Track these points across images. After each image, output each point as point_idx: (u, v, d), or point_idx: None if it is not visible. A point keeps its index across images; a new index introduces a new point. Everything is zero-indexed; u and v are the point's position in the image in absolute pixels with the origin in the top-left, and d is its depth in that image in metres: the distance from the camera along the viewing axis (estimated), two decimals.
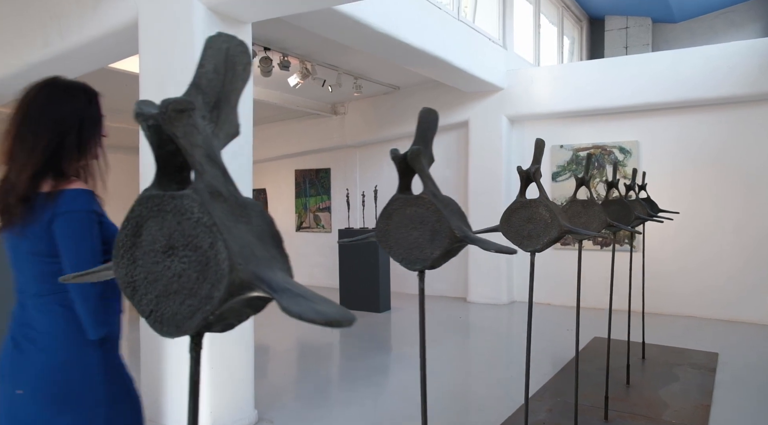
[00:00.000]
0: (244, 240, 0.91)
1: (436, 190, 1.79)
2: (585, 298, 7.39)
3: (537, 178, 2.60)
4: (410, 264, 1.76)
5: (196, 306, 0.87)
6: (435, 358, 5.60)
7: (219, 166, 0.96)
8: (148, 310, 0.92)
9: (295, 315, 0.79)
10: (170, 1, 3.68)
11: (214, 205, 0.89)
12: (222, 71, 0.99)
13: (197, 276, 0.87)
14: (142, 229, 0.93)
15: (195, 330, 0.89)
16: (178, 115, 0.88)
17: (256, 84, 7.79)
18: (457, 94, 8.56)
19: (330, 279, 10.07)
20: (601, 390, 4.12)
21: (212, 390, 3.63)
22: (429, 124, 1.82)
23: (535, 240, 2.55)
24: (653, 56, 7.74)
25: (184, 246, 0.89)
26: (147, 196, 0.93)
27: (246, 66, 1.03)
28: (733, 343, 6.01)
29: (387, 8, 5.43)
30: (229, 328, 0.98)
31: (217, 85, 0.99)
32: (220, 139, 1.02)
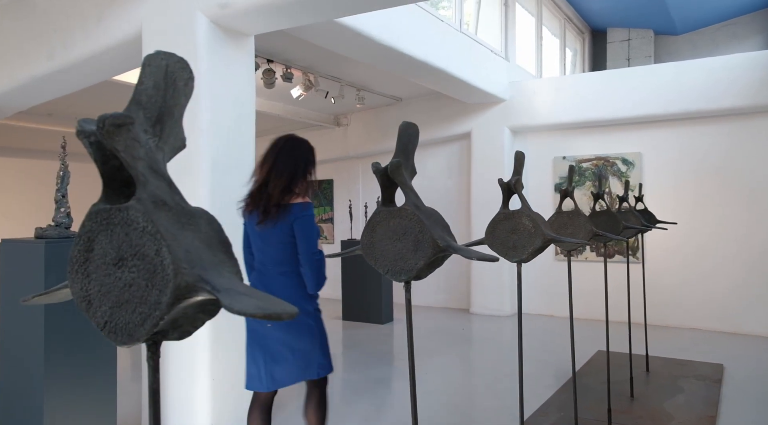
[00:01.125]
0: (190, 245, 0.94)
1: (419, 202, 1.82)
2: (589, 310, 7.38)
3: (518, 189, 2.65)
4: (395, 275, 1.78)
5: (146, 313, 0.90)
6: (437, 370, 5.57)
7: (164, 177, 1.00)
8: (103, 322, 0.95)
9: (236, 310, 0.83)
10: (174, 15, 3.72)
11: (158, 213, 0.92)
12: (162, 87, 1.03)
13: (146, 284, 0.90)
14: (93, 244, 0.96)
15: (146, 337, 0.92)
16: (116, 129, 0.91)
17: (259, 95, 7.82)
18: (459, 106, 8.59)
19: (332, 290, 10.03)
20: (604, 403, 4.09)
21: (213, 402, 3.61)
22: (409, 137, 1.85)
23: (520, 250, 2.58)
24: (655, 68, 7.76)
25: (132, 256, 0.92)
26: (95, 211, 0.97)
27: (187, 81, 1.07)
28: (737, 355, 5.96)
29: (389, 21, 5.46)
30: (187, 335, 1.02)
31: (157, 101, 1.03)
32: (165, 152, 1.05)
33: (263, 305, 0.87)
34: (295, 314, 0.87)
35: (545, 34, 10.55)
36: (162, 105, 1.03)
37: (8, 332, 3.33)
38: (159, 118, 1.03)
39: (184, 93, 1.07)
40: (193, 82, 1.08)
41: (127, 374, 5.41)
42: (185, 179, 3.62)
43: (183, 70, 1.06)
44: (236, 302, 0.85)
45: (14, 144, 8.91)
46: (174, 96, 1.05)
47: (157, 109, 1.03)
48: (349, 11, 3.88)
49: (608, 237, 3.49)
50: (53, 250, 3.12)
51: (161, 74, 1.03)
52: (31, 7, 4.67)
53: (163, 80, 1.03)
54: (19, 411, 3.22)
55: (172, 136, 1.06)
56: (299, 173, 2.82)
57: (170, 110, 1.05)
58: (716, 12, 11.52)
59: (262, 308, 0.85)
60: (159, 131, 1.03)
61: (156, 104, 1.02)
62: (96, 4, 4.13)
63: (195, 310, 0.98)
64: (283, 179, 2.77)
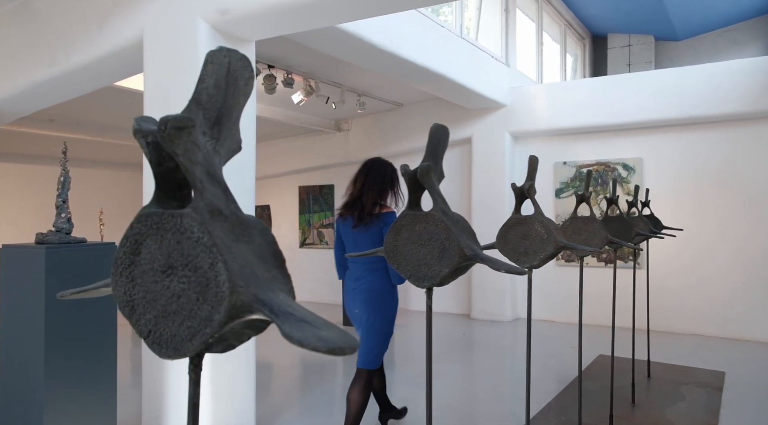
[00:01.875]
0: (245, 260, 0.89)
1: (446, 207, 1.78)
2: (590, 315, 7.35)
3: (531, 194, 2.61)
4: (418, 280, 1.75)
5: (195, 328, 0.85)
6: (438, 375, 5.55)
7: (220, 183, 0.94)
8: (147, 330, 0.90)
9: (297, 342, 0.77)
10: (175, 21, 3.73)
11: (214, 224, 0.87)
12: (223, 86, 0.98)
13: (197, 298, 0.85)
14: (140, 247, 0.92)
15: (194, 353, 0.88)
16: (178, 132, 0.87)
17: (260, 101, 7.84)
18: (460, 111, 8.60)
19: (333, 295, 10.05)
20: (606, 408, 4.08)
21: (214, 408, 3.61)
22: (440, 140, 1.81)
23: (532, 256, 2.55)
24: (656, 74, 7.77)
25: (183, 266, 0.87)
26: (146, 214, 0.92)
27: (248, 80, 1.02)
28: (739, 362, 5.94)
29: (390, 26, 5.47)
30: (230, 349, 0.97)
31: (218, 101, 0.98)
32: (221, 156, 1.00)
33: (325, 336, 0.80)
34: (357, 347, 0.80)
35: (546, 39, 10.57)
36: (222, 105, 0.98)
37: (9, 337, 3.32)
38: (218, 119, 0.99)
39: (244, 93, 1.02)
40: (254, 81, 1.03)
41: (127, 380, 5.41)
42: None
43: (245, 69, 1.01)
44: (296, 330, 0.79)
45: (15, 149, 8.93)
46: (234, 95, 1.00)
47: (217, 109, 0.98)
48: (349, 17, 3.89)
49: (622, 244, 3.47)
50: (54, 256, 3.13)
51: (223, 72, 0.98)
52: (33, 14, 4.69)
53: (225, 79, 0.98)
54: (19, 416, 3.21)
55: (229, 138, 1.02)
56: (386, 188, 3.62)
57: (229, 111, 1.00)
58: (717, 18, 11.53)
59: (325, 340, 0.78)
60: (217, 133, 0.99)
61: (216, 104, 0.98)
62: (97, 11, 4.15)
63: (243, 326, 0.93)
64: (374, 193, 3.56)
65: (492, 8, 8.60)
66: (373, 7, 3.69)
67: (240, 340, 0.97)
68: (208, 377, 3.58)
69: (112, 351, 3.41)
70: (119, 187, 10.20)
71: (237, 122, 1.03)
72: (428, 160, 1.75)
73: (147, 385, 3.84)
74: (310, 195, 10.85)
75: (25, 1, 4.75)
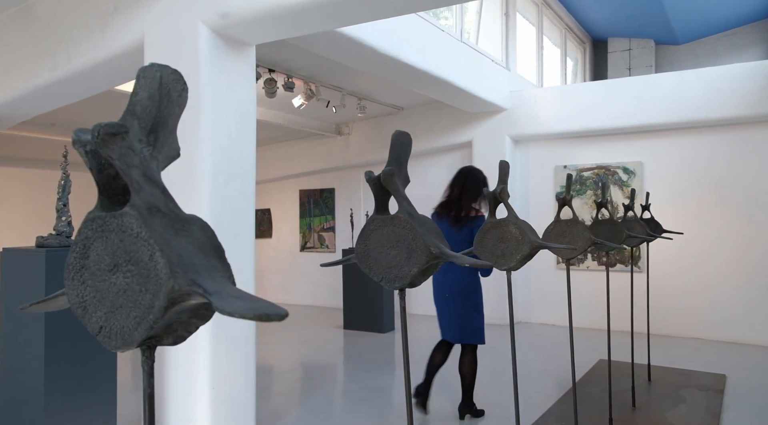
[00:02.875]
0: (183, 250, 0.96)
1: (412, 210, 1.84)
2: (592, 319, 7.36)
3: (504, 197, 2.69)
4: (390, 282, 1.80)
5: (140, 317, 0.92)
6: (438, 379, 5.54)
7: (158, 184, 1.03)
8: (98, 327, 0.97)
9: (228, 313, 0.84)
10: (175, 25, 3.75)
11: (152, 219, 0.95)
12: (157, 98, 1.06)
13: (140, 289, 0.92)
14: (89, 251, 0.99)
15: (140, 341, 0.94)
16: (111, 138, 0.94)
17: (261, 105, 7.86)
18: (460, 115, 8.61)
19: (334, 299, 10.05)
20: (606, 412, 4.07)
21: (214, 410, 3.60)
22: (402, 146, 1.87)
23: (509, 258, 2.61)
24: (656, 77, 7.78)
25: (126, 261, 0.94)
26: (91, 218, 0.99)
27: (181, 92, 1.10)
28: (739, 365, 5.93)
29: (390, 30, 5.49)
30: (181, 340, 1.03)
31: (152, 111, 1.06)
32: (159, 161, 1.08)
33: (254, 306, 0.88)
34: (285, 315, 0.89)
35: (546, 43, 10.59)
36: (156, 115, 1.06)
37: (9, 341, 3.33)
38: (153, 128, 1.06)
39: (178, 103, 1.10)
40: (187, 92, 1.11)
41: (127, 383, 5.41)
42: (186, 189, 3.63)
43: (177, 82, 1.09)
44: (228, 304, 0.87)
45: (16, 154, 8.94)
46: (168, 106, 1.08)
47: (152, 119, 1.05)
48: (349, 21, 3.91)
49: (608, 245, 3.49)
50: (54, 259, 3.13)
51: (155, 85, 1.06)
52: (34, 18, 4.71)
53: (158, 91, 1.06)
54: (19, 419, 3.21)
55: (166, 145, 1.09)
56: (480, 194, 4.21)
57: (164, 120, 1.08)
58: (717, 22, 11.56)
59: (253, 309, 0.87)
60: (153, 140, 1.06)
61: (150, 114, 1.05)
62: (99, 15, 4.17)
63: (189, 315, 0.99)
64: (470, 198, 4.24)
65: (492, 12, 8.62)
66: (374, 11, 3.70)
67: (188, 330, 1.03)
68: (207, 380, 3.58)
69: (112, 354, 3.42)
70: None
71: (174, 130, 1.12)
72: (392, 165, 1.80)
73: None
74: (310, 199, 10.86)
75: (27, 6, 4.77)
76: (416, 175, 9.48)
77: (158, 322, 0.92)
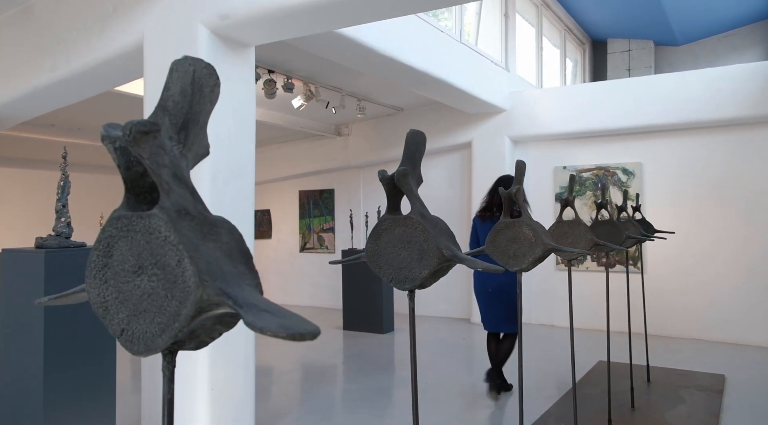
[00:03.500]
0: (211, 256, 0.92)
1: (425, 210, 1.81)
2: (592, 320, 7.36)
3: (519, 198, 2.65)
4: (399, 283, 1.78)
5: (165, 323, 0.89)
6: (435, 380, 5.55)
7: (187, 185, 0.98)
8: (120, 329, 0.93)
9: (258, 329, 0.80)
10: (175, 26, 3.75)
11: (181, 223, 0.91)
12: (189, 93, 1.02)
13: (165, 294, 0.89)
14: (113, 250, 0.95)
15: (164, 348, 0.91)
16: (143, 136, 0.91)
17: (261, 106, 7.86)
18: (460, 116, 8.61)
19: (333, 300, 10.05)
20: (605, 413, 4.07)
21: (212, 412, 3.60)
22: (417, 145, 1.85)
23: (521, 259, 2.58)
24: (656, 78, 7.79)
25: (152, 264, 0.90)
26: (117, 217, 0.96)
27: (214, 87, 1.06)
28: (739, 366, 5.93)
29: (389, 31, 5.49)
30: (203, 346, 1.00)
31: (184, 107, 1.02)
32: (189, 160, 1.04)
33: (286, 324, 0.83)
34: (317, 333, 0.84)
35: (546, 44, 10.60)
36: (188, 111, 1.02)
37: (8, 341, 3.33)
38: (184, 125, 1.02)
39: (210, 99, 1.06)
40: (219, 88, 1.07)
41: (127, 385, 5.40)
42: None
43: (210, 76, 1.05)
44: (258, 319, 0.82)
45: (16, 154, 8.95)
46: (200, 102, 1.04)
47: (183, 115, 1.02)
48: (348, 22, 3.91)
49: (609, 247, 3.49)
50: (53, 260, 3.13)
51: (188, 80, 1.02)
52: (34, 19, 4.71)
53: (190, 86, 1.02)
54: (18, 421, 3.21)
55: (196, 143, 1.06)
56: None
57: (196, 117, 1.04)
58: (716, 23, 11.56)
59: (285, 327, 0.82)
60: (184, 138, 1.02)
61: (182, 111, 1.01)
62: (98, 17, 4.17)
63: (213, 322, 0.96)
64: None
65: (492, 13, 8.63)
66: (372, 12, 3.70)
67: (211, 337, 1.00)
68: (206, 381, 3.58)
69: (111, 355, 3.42)
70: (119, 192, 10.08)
71: (204, 127, 1.07)
72: (405, 165, 1.78)
73: (146, 390, 3.84)
74: (310, 199, 10.86)
75: (26, 7, 4.78)
76: None
77: (183, 330, 0.89)
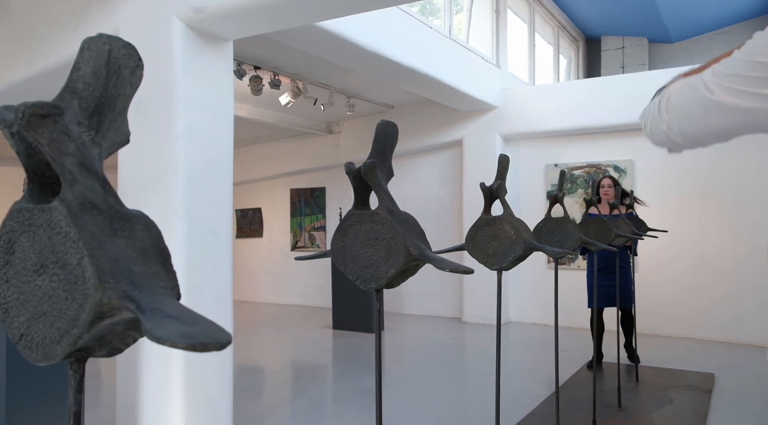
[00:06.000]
0: (120, 255, 0.83)
1: (393, 206, 1.72)
2: (582, 319, 7.30)
3: (501, 194, 2.53)
4: (365, 282, 1.69)
5: (63, 329, 0.80)
6: (425, 380, 5.49)
7: (96, 175, 0.89)
8: (19, 334, 0.84)
9: (155, 338, 0.72)
10: (150, 20, 3.67)
11: (85, 217, 0.82)
12: (103, 75, 0.92)
13: (66, 296, 0.80)
14: (14, 246, 0.86)
15: (63, 356, 0.82)
16: (40, 120, 0.82)
17: (248, 103, 7.79)
18: (451, 113, 8.54)
19: (323, 299, 9.99)
20: (591, 413, 4.01)
21: (187, 415, 3.53)
22: (387, 137, 1.76)
23: (501, 257, 2.47)
24: (647, 75, 7.72)
25: (54, 263, 0.82)
26: (17, 209, 0.87)
27: (135, 70, 0.96)
28: (729, 365, 5.88)
29: (376, 27, 5.42)
30: (117, 352, 0.91)
31: (97, 90, 0.92)
32: (103, 148, 0.94)
33: (190, 332, 0.75)
34: (225, 344, 0.75)
35: (538, 41, 10.52)
36: (102, 94, 0.93)
37: None
38: (97, 109, 0.93)
39: (131, 82, 0.97)
40: (142, 70, 0.97)
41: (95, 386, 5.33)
42: (160, 186, 3.56)
43: (130, 58, 0.96)
44: (158, 327, 0.75)
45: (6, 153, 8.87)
46: (117, 85, 0.95)
47: (96, 99, 0.93)
48: (327, 15, 3.83)
49: (597, 245, 3.42)
50: None
51: (102, 60, 0.93)
52: (9, 14, 4.64)
53: (105, 67, 0.93)
54: None
55: (112, 129, 0.96)
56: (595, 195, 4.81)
57: (112, 101, 0.95)
58: (710, 20, 11.51)
59: (188, 336, 0.74)
60: (96, 124, 0.93)
61: (94, 94, 0.92)
62: (73, 11, 4.09)
63: (125, 327, 0.87)
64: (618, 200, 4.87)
65: (482, 10, 8.55)
66: (352, 4, 3.63)
67: (125, 343, 0.91)
68: (181, 382, 3.51)
69: None
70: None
71: (123, 113, 0.98)
72: (374, 158, 1.70)
73: (120, 390, 3.77)
74: (301, 198, 10.79)
75: (2, 2, 4.69)
76: (407, 174, 9.42)
77: (83, 338, 0.80)
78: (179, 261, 3.49)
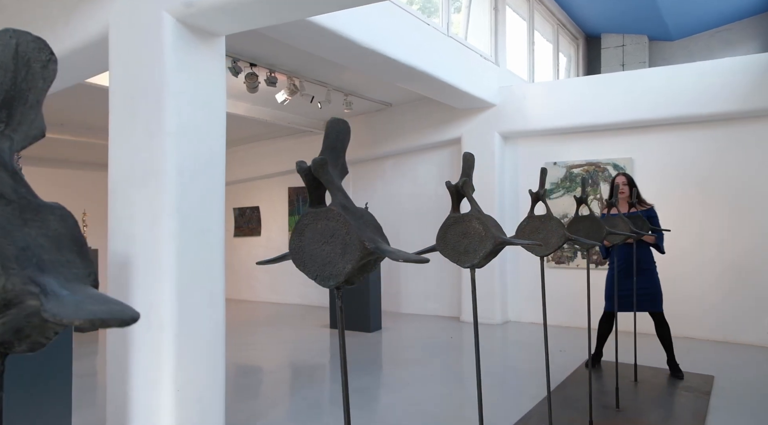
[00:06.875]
0: (29, 243, 0.83)
1: (347, 202, 1.71)
2: (579, 318, 7.25)
3: (467, 191, 2.52)
4: (324, 280, 1.67)
5: None
6: (422, 379, 5.44)
7: (5, 167, 0.90)
8: None
9: (51, 315, 0.71)
10: (140, 15, 3.62)
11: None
12: (11, 68, 0.93)
13: None
14: None
15: None
16: None
17: (245, 100, 7.74)
18: (449, 111, 8.49)
19: (321, 298, 9.95)
20: (588, 414, 3.95)
21: (179, 415, 3.48)
22: (338, 134, 1.75)
23: (472, 255, 2.45)
24: (647, 72, 7.65)
25: None
26: None
27: (47, 63, 0.96)
28: (728, 365, 5.82)
29: (374, 24, 5.37)
30: (39, 347, 0.90)
31: (5, 83, 0.93)
32: (14, 141, 0.95)
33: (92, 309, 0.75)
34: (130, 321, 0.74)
35: (538, 39, 10.46)
36: (11, 88, 0.93)
37: None
38: (6, 103, 0.93)
39: (43, 76, 0.97)
40: (56, 64, 0.97)
41: (83, 385, 5.29)
42: (150, 183, 3.51)
43: (40, 51, 0.96)
44: (58, 306, 0.74)
45: None
46: (27, 79, 0.95)
47: (4, 92, 0.93)
48: (319, 10, 3.77)
49: (581, 242, 3.37)
50: None
51: (9, 54, 0.93)
52: (1, 9, 4.58)
53: (12, 61, 0.93)
54: None
55: (24, 123, 0.96)
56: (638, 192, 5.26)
57: (22, 95, 0.95)
58: (710, 18, 11.44)
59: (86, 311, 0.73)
60: (6, 117, 0.94)
61: (2, 87, 0.93)
62: (63, 6, 4.04)
63: (41, 319, 0.85)
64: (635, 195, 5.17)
65: (481, 7, 8.49)
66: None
67: (45, 336, 0.90)
68: (172, 382, 3.46)
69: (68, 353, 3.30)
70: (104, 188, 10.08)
71: (36, 107, 0.98)
72: (325, 154, 1.69)
73: (111, 389, 3.72)
74: (299, 196, 10.74)
75: None
76: (405, 172, 9.38)
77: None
78: (170, 259, 3.45)
